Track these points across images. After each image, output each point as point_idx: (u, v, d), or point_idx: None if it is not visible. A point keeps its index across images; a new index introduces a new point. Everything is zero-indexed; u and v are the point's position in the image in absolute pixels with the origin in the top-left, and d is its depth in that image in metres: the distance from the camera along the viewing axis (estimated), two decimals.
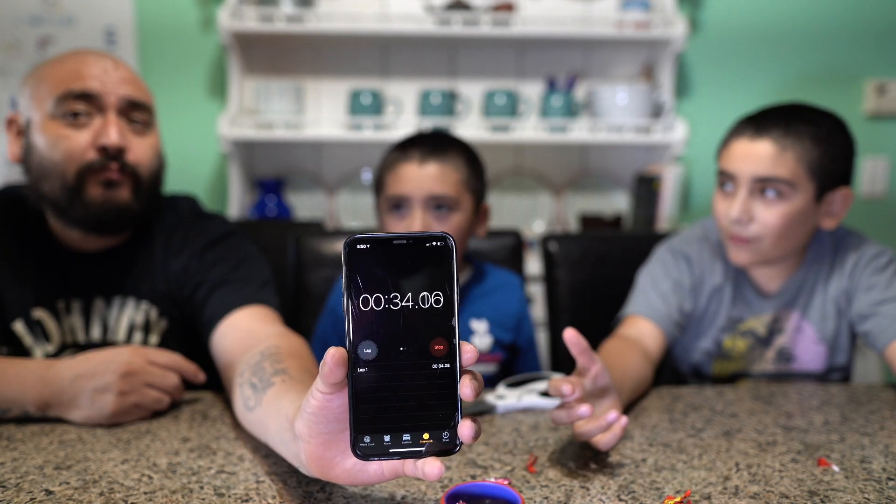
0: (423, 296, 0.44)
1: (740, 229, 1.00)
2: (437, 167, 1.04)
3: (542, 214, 2.34)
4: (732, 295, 1.09)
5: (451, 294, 0.45)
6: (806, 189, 0.98)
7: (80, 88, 0.89)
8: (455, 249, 0.45)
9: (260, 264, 1.00)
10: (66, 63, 0.92)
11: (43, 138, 0.90)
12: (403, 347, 0.45)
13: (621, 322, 1.08)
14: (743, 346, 1.10)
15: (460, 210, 1.06)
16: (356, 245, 0.44)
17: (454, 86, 2.28)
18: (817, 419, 0.83)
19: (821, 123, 0.99)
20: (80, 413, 0.77)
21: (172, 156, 1.05)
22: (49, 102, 0.90)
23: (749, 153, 0.98)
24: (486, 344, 1.12)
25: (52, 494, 0.61)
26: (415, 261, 0.44)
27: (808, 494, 0.63)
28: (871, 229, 2.30)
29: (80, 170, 0.90)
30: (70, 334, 0.97)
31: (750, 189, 0.99)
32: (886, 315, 0.99)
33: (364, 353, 0.45)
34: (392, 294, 0.44)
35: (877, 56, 2.32)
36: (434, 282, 0.44)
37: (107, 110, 0.91)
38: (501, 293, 1.17)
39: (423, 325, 0.45)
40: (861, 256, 1.05)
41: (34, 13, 2.17)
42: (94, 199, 0.91)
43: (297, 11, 2.06)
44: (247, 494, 0.62)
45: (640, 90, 2.14)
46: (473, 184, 1.08)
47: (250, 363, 0.74)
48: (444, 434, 0.45)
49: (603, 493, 0.63)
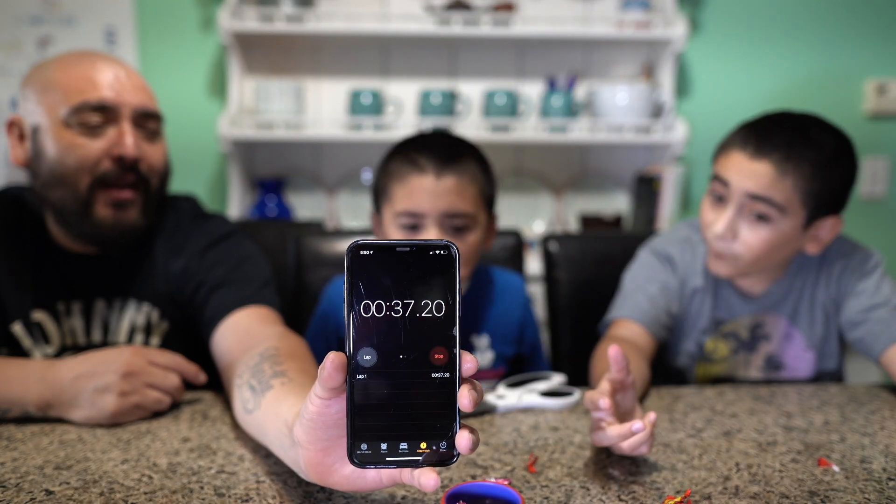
0: (425, 304, 0.44)
1: (722, 245, 0.98)
2: (455, 181, 0.96)
3: (542, 214, 2.34)
4: (715, 297, 1.09)
5: (453, 303, 0.44)
6: (796, 215, 0.95)
7: (96, 100, 0.89)
8: (458, 258, 0.44)
9: (260, 264, 1.00)
10: (77, 69, 0.91)
11: (55, 145, 0.89)
12: (403, 355, 0.44)
13: (609, 326, 1.07)
14: (725, 349, 1.09)
15: (477, 227, 1.00)
16: (359, 251, 0.44)
17: (454, 86, 2.28)
18: (817, 419, 0.83)
19: (825, 147, 0.94)
20: (81, 413, 0.77)
21: (173, 156, 1.05)
22: (63, 110, 0.89)
23: (747, 170, 0.95)
24: (487, 360, 1.10)
25: (52, 494, 0.61)
26: (418, 269, 0.44)
27: (808, 494, 0.63)
28: (871, 230, 2.32)
29: (94, 180, 0.90)
30: (70, 336, 0.97)
31: (740, 204, 0.96)
32: (878, 321, 0.98)
33: (364, 359, 0.44)
34: (394, 301, 0.44)
35: (877, 56, 2.32)
36: (436, 290, 0.44)
37: (121, 120, 0.91)
38: (503, 301, 1.13)
39: (424, 333, 0.44)
40: (848, 262, 1.05)
41: (34, 13, 2.17)
42: (104, 220, 0.91)
43: (297, 11, 2.06)
44: (247, 494, 0.62)
45: (641, 90, 2.14)
46: (488, 194, 1.03)
47: (249, 365, 0.74)
48: (441, 444, 0.45)
49: (603, 493, 0.63)
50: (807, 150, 0.94)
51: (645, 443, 0.65)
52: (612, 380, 0.68)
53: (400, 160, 0.99)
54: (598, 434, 0.66)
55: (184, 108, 2.22)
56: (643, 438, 0.65)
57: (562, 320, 1.31)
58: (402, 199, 0.97)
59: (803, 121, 0.98)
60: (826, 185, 0.94)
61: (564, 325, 1.30)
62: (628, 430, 0.64)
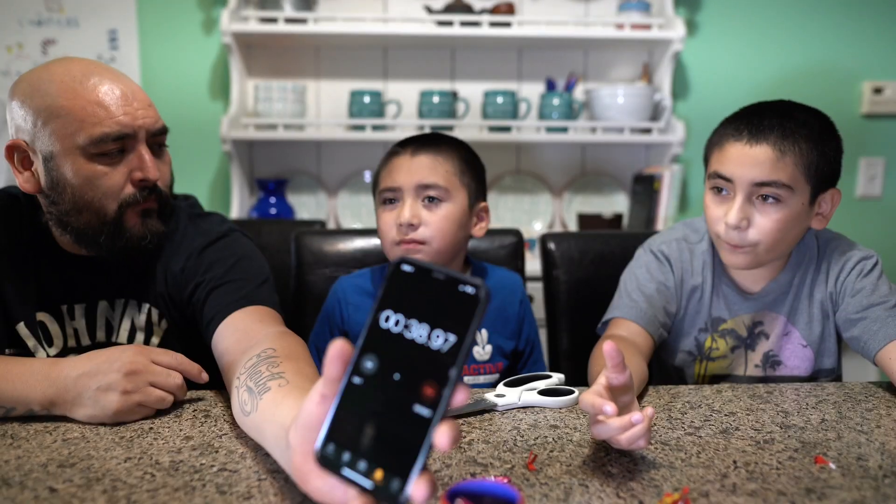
0: (437, 334, 0.43)
1: (737, 236, 0.99)
2: (429, 158, 1.05)
3: (541, 214, 2.34)
4: (713, 295, 1.09)
5: (461, 343, 0.43)
6: (803, 192, 0.98)
7: (116, 132, 0.88)
8: (485, 302, 0.43)
9: (257, 262, 1.00)
10: (82, 94, 0.87)
11: (76, 176, 0.89)
12: (398, 375, 0.43)
13: (608, 326, 1.08)
14: (724, 346, 1.10)
15: (452, 201, 1.06)
16: (400, 265, 0.45)
17: (454, 87, 2.29)
18: (814, 417, 0.83)
19: (813, 124, 0.98)
20: (84, 411, 0.77)
21: (174, 157, 1.06)
22: (80, 139, 0.87)
23: (748, 158, 0.97)
24: (486, 354, 1.11)
25: (55, 492, 0.62)
26: (444, 297, 0.43)
27: (805, 492, 0.63)
28: (867, 229, 2.32)
29: (121, 205, 0.91)
30: (73, 338, 0.97)
31: (747, 194, 0.97)
32: (874, 320, 0.98)
33: (365, 364, 0.44)
34: (410, 320, 0.44)
35: (873, 57, 2.33)
36: (451, 324, 0.43)
37: (137, 144, 0.91)
38: (501, 296, 1.15)
39: (424, 361, 0.43)
40: (847, 261, 1.05)
41: (38, 15, 2.18)
42: (135, 232, 0.93)
43: (298, 13, 2.07)
44: (248, 492, 0.62)
45: (639, 91, 2.15)
46: (467, 179, 1.08)
47: (246, 366, 0.75)
48: (394, 481, 0.42)
49: (602, 491, 0.63)
50: (799, 128, 0.97)
51: (642, 436, 0.66)
52: (609, 376, 0.69)
53: (389, 154, 1.11)
54: (598, 427, 0.67)
55: (186, 108, 2.23)
56: (640, 432, 0.65)
57: (560, 319, 1.31)
58: (384, 179, 1.08)
59: (784, 104, 1.02)
60: (823, 157, 0.97)
61: (563, 324, 1.31)
62: (628, 422, 0.65)
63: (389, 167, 1.08)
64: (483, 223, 1.12)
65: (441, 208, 1.05)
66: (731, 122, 1.02)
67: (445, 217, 1.05)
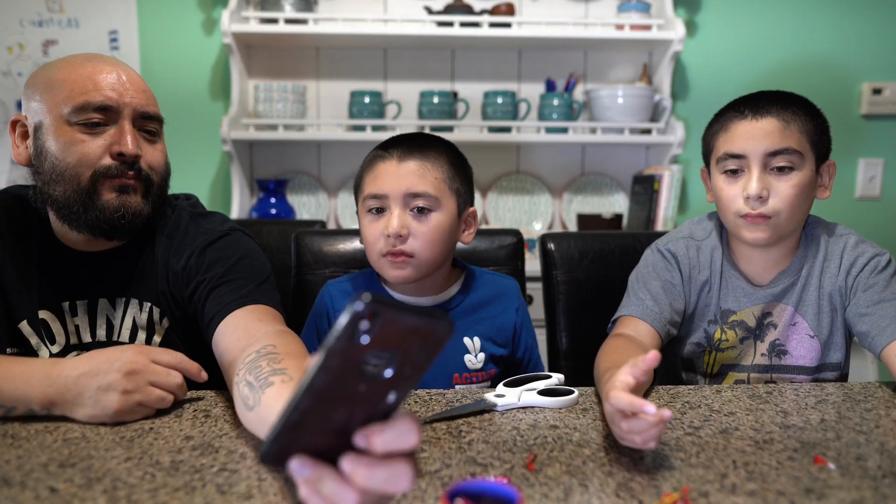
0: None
1: (758, 205, 1.01)
2: (417, 164, 1.00)
3: (541, 215, 2.35)
4: (722, 288, 1.10)
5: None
6: (810, 160, 1.02)
7: (98, 101, 0.90)
8: (446, 339, 0.42)
9: (258, 261, 1.00)
10: (80, 69, 0.92)
11: (56, 142, 0.91)
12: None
13: (616, 324, 1.08)
14: (733, 337, 1.11)
15: (441, 210, 1.01)
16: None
17: (454, 87, 2.29)
18: (814, 417, 0.83)
19: (801, 100, 1.04)
20: (85, 411, 0.78)
21: (175, 157, 1.06)
22: (65, 109, 0.90)
23: (756, 130, 1.01)
24: (478, 362, 1.10)
25: (56, 492, 0.62)
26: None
27: (804, 492, 0.63)
28: (867, 229, 2.31)
29: (95, 174, 0.91)
30: (75, 335, 0.97)
31: (762, 165, 1.01)
32: (884, 316, 0.98)
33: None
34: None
35: (873, 58, 2.33)
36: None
37: (122, 120, 0.92)
38: (495, 305, 1.12)
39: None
40: (860, 256, 1.06)
41: (38, 16, 2.18)
42: (109, 204, 0.92)
43: (299, 14, 2.07)
44: (249, 492, 0.62)
45: (639, 91, 2.15)
46: (456, 185, 1.04)
47: (246, 362, 0.75)
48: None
49: (601, 491, 0.63)
50: (795, 102, 1.03)
51: (655, 437, 0.66)
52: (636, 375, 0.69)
53: (371, 155, 1.06)
54: (632, 422, 0.66)
55: (186, 109, 2.23)
56: (658, 433, 0.66)
57: (560, 319, 1.31)
58: (369, 185, 1.03)
59: (772, 90, 1.07)
60: (818, 127, 1.03)
61: (562, 324, 1.31)
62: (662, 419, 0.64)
63: (375, 171, 1.02)
64: (471, 229, 1.09)
65: (430, 219, 1.01)
66: (728, 108, 1.06)
67: (435, 228, 1.01)
